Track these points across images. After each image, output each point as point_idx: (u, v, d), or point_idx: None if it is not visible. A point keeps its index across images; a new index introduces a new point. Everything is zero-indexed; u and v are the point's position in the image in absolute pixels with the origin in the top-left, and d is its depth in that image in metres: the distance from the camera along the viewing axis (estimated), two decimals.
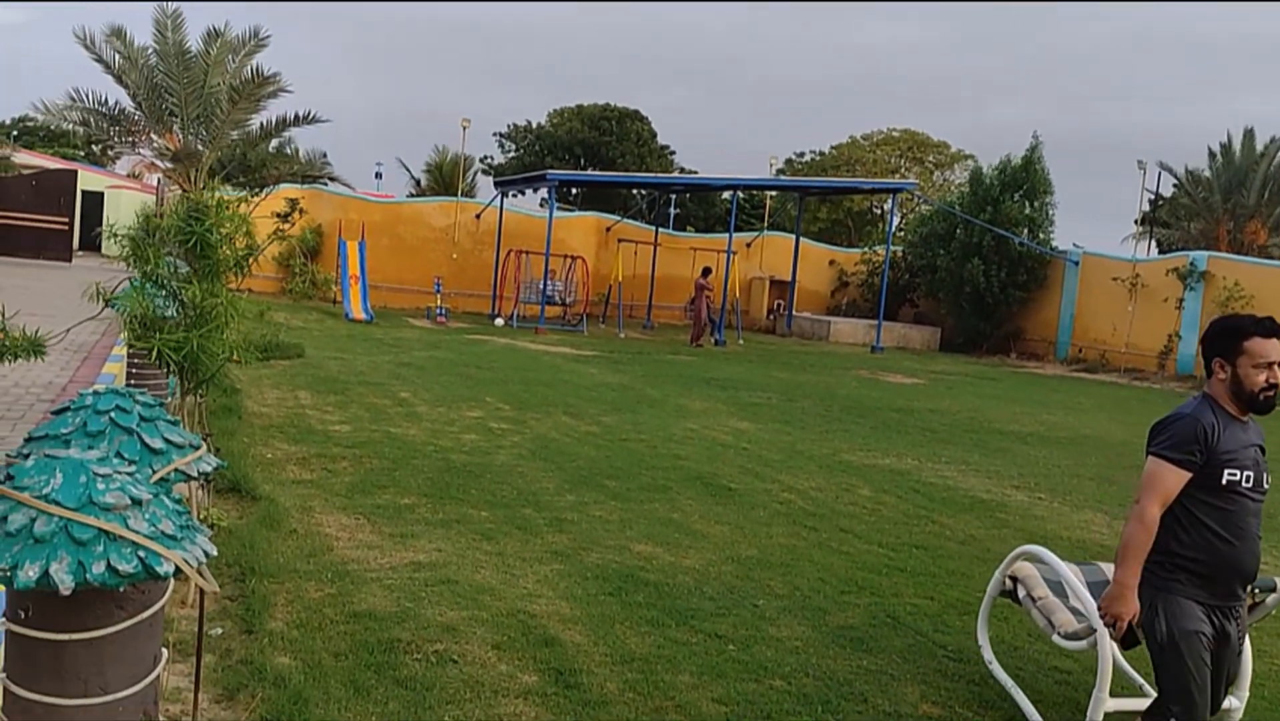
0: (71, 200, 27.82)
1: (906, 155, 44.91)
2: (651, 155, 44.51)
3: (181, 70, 16.13)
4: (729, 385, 14.75)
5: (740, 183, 27.17)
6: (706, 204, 43.01)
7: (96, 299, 4.85)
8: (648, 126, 45.31)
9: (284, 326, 16.04)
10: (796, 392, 14.50)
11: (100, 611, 1.65)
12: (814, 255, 30.93)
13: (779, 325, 28.57)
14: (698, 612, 4.98)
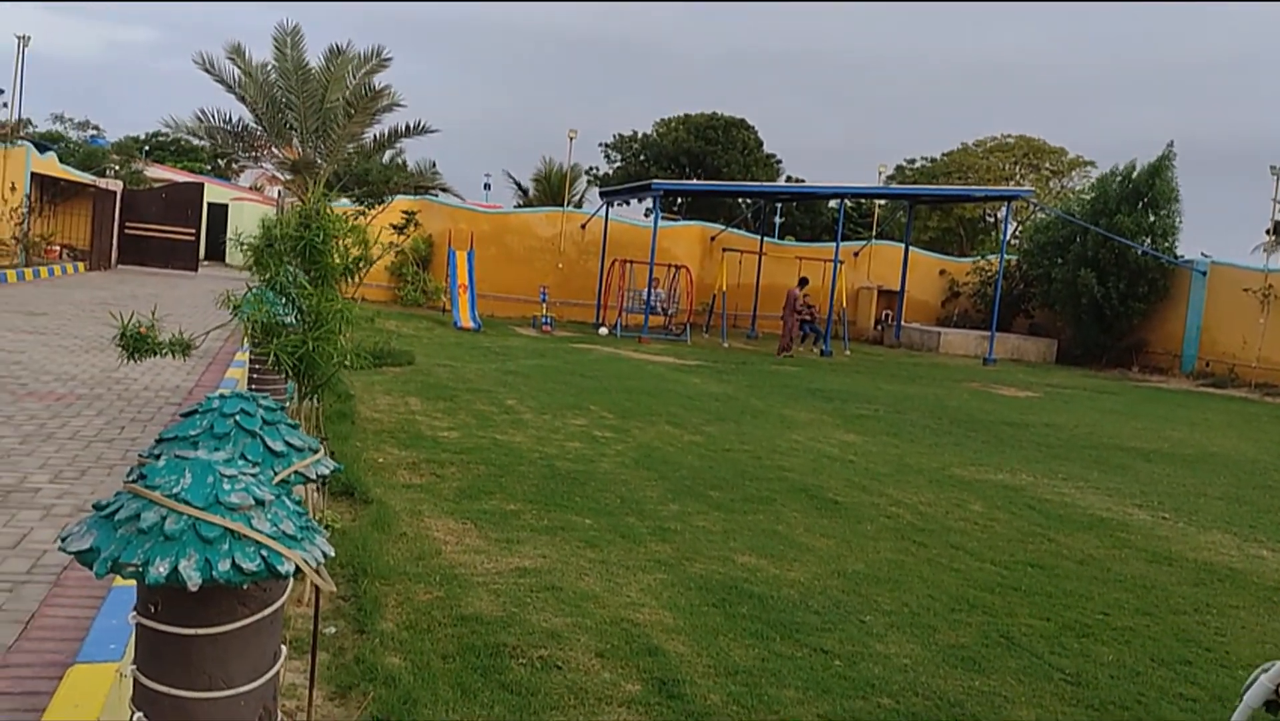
0: (198, 212, 29.03)
1: (1021, 162, 43.72)
2: (757, 164, 44.28)
3: (300, 85, 16.70)
4: (835, 396, 14.55)
5: (848, 191, 26.83)
6: (813, 213, 42.60)
7: (227, 306, 5.04)
8: (754, 135, 45.10)
9: (395, 334, 16.44)
10: (905, 405, 14.22)
11: (224, 607, 1.70)
12: (924, 264, 30.34)
13: (886, 336, 28.09)
14: (803, 626, 4.91)
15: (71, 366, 9.84)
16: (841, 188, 26.84)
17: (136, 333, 5.49)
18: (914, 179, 44.83)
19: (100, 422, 7.30)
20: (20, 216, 23.00)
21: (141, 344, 5.51)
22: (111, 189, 27.58)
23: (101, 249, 26.75)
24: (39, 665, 3.22)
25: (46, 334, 12.22)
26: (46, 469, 5.84)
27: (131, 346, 5.52)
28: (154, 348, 5.49)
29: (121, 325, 5.62)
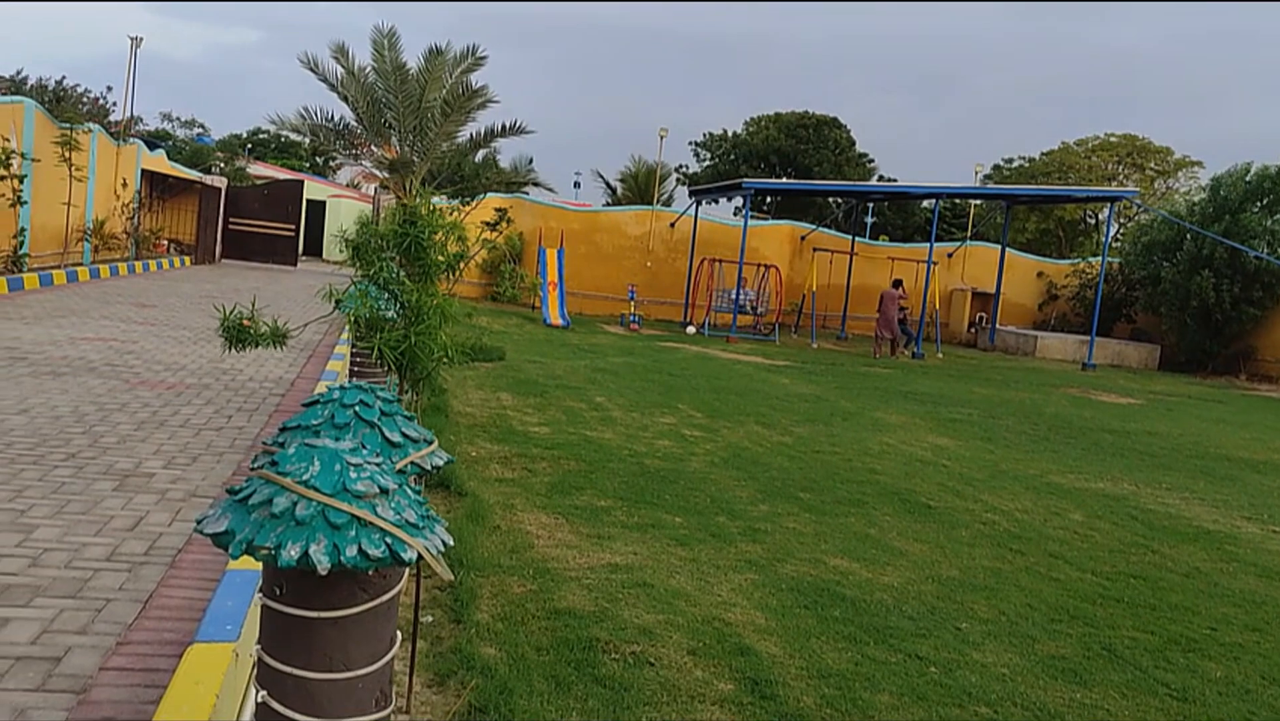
0: (298, 208, 29.80)
1: (1125, 161, 42.45)
2: (849, 163, 43.79)
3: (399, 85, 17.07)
4: (927, 399, 14.32)
5: (943, 190, 26.36)
6: (906, 213, 41.97)
7: (329, 300, 5.18)
8: (846, 134, 44.61)
9: (486, 330, 16.69)
10: (1000, 409, 13.92)
11: (345, 592, 1.75)
12: (1020, 266, 29.68)
13: (980, 339, 27.54)
14: (897, 631, 4.85)
15: (180, 356, 10.20)
16: (936, 187, 26.38)
17: (239, 324, 5.69)
18: (1011, 179, 43.86)
19: (209, 411, 7.56)
20: (131, 211, 23.91)
21: (243, 335, 5.71)
22: (216, 185, 28.51)
23: (206, 243, 27.67)
24: (157, 643, 3.35)
25: (156, 325, 12.70)
26: (160, 455, 6.07)
27: (234, 337, 5.72)
28: (255, 338, 5.68)
29: (224, 316, 5.83)
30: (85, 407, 7.20)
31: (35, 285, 16.13)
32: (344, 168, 47.80)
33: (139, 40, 26.37)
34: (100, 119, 24.92)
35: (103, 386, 8.12)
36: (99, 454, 5.93)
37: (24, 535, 4.34)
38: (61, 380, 8.21)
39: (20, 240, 16.77)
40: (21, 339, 10.25)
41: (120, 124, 25.66)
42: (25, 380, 8.04)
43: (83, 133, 19.82)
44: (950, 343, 26.97)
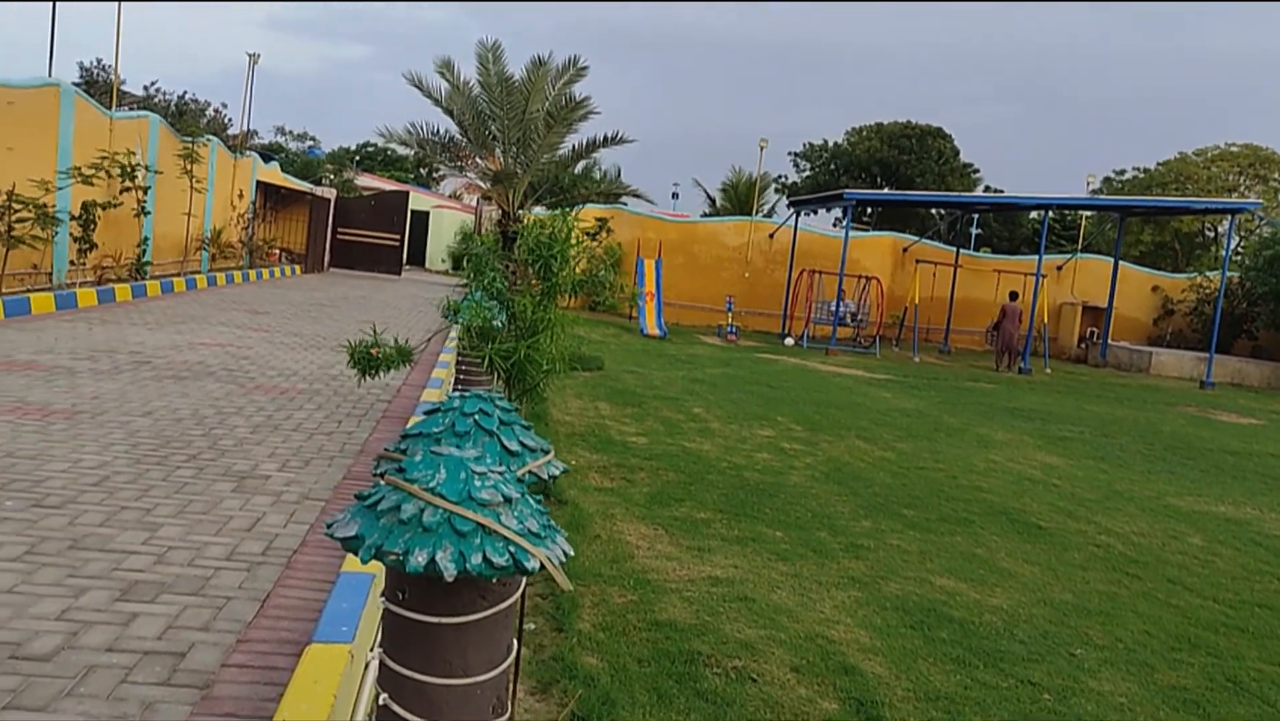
0: (403, 219, 30.50)
1: (1247, 173, 40.74)
2: (953, 174, 42.97)
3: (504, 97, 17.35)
4: (1035, 416, 13.93)
5: (1053, 201, 25.64)
6: (1012, 224, 41.00)
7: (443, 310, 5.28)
8: (950, 144, 43.81)
9: (584, 340, 16.83)
10: (1113, 428, 13.47)
11: (466, 599, 1.78)
12: (1134, 280, 28.69)
13: (1091, 354, 26.70)
14: (1007, 655, 4.72)
15: (292, 362, 10.52)
16: (1045, 198, 25.67)
17: (366, 352, 5.84)
18: (1124, 190, 42.47)
19: (320, 416, 7.77)
20: (246, 221, 24.79)
21: (371, 362, 5.87)
22: (326, 196, 29.36)
23: (316, 253, 28.52)
24: (275, 641, 3.45)
25: (269, 331, 13.12)
26: (275, 458, 6.26)
27: (363, 366, 5.88)
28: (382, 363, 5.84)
29: (350, 349, 6.01)
30: (204, 410, 7.48)
31: (157, 292, 16.83)
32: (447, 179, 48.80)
33: (256, 57, 27.35)
34: (219, 132, 25.92)
35: (220, 390, 8.42)
36: (218, 455, 6.15)
37: (150, 533, 4.51)
38: (182, 384, 8.53)
39: (143, 249, 17.52)
40: (145, 343, 10.70)
41: (237, 137, 26.64)
42: (149, 383, 8.38)
43: (202, 146, 20.64)
44: (1059, 358, 26.21)
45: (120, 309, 14.02)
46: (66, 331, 11.06)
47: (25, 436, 6.08)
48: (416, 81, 17.79)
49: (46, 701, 2.92)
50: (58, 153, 14.60)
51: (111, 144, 16.20)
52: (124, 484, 5.29)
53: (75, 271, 15.23)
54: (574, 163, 20.33)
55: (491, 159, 18.60)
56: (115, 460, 5.77)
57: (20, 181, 13.04)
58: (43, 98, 14.31)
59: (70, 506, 4.79)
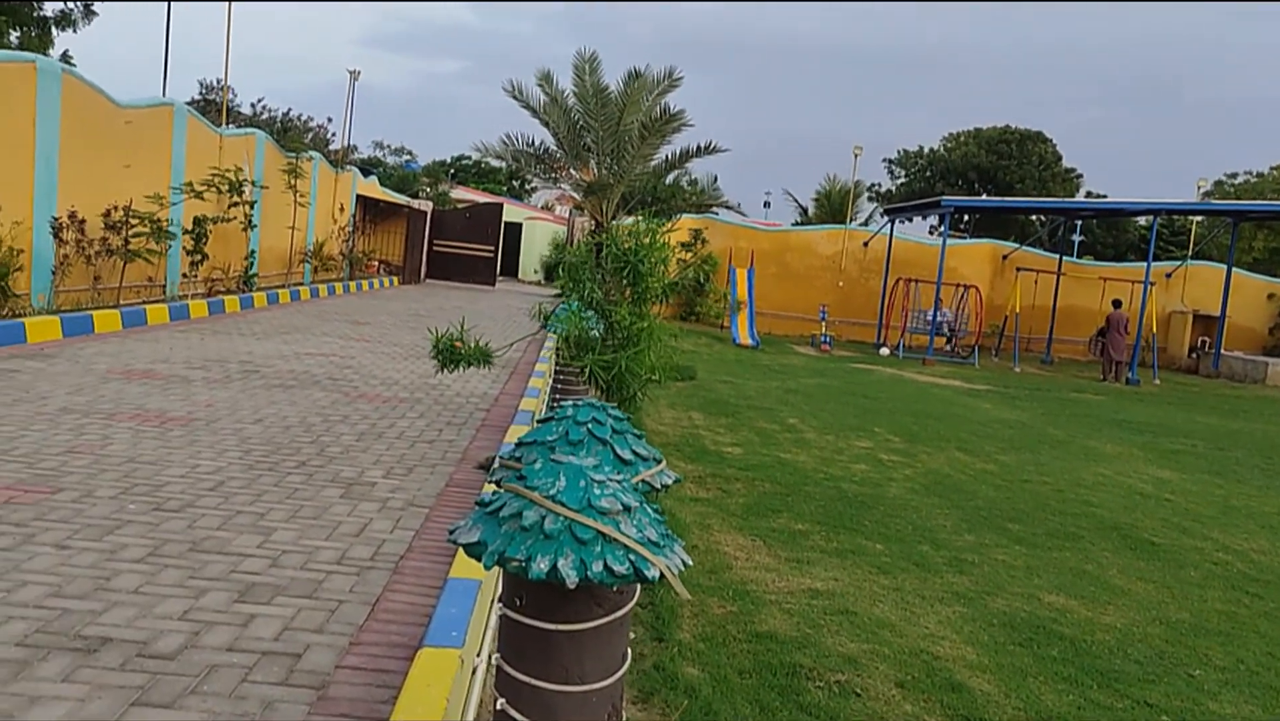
0: (497, 230, 30.96)
1: None
2: (1055, 179, 41.93)
3: (599, 109, 17.50)
4: (1145, 429, 13.48)
5: (1161, 206, 24.80)
6: (1117, 230, 39.81)
7: (538, 319, 5.34)
8: (1051, 148, 42.76)
9: (677, 350, 16.84)
10: (1228, 441, 12.95)
11: (583, 607, 1.79)
12: (1249, 287, 27.59)
13: (1203, 365, 25.74)
14: (1122, 675, 4.56)
15: (394, 371, 10.75)
16: (1153, 203, 24.86)
17: (450, 344, 5.94)
18: (1236, 195, 40.87)
19: (421, 424, 7.92)
20: (346, 234, 25.45)
21: (454, 355, 5.96)
22: (423, 209, 29.98)
23: (413, 264, 29.12)
24: (386, 645, 3.53)
25: (370, 341, 13.43)
26: (380, 465, 6.40)
27: (445, 357, 5.98)
28: (464, 358, 5.93)
29: (435, 338, 6.11)
30: (311, 418, 7.69)
31: (263, 303, 17.38)
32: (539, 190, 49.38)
33: (356, 74, 28.08)
34: (321, 148, 26.68)
35: (326, 399, 8.65)
36: (325, 462, 6.31)
37: (264, 537, 4.65)
38: (290, 392, 8.79)
39: (250, 261, 18.12)
40: (255, 353, 11.06)
41: (338, 152, 27.39)
42: (259, 392, 8.65)
43: (305, 161, 21.27)
44: (1168, 368, 25.34)
45: (229, 319, 14.52)
46: (180, 341, 11.49)
47: (146, 443, 6.33)
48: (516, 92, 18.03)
49: (172, 698, 3.03)
50: (171, 169, 15.21)
51: (221, 160, 16.81)
52: (238, 489, 5.46)
53: (187, 284, 15.83)
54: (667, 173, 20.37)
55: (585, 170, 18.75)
56: (230, 466, 5.96)
57: (136, 197, 13.62)
58: (158, 117, 14.92)
59: (189, 510, 4.97)
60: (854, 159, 28.47)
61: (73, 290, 12.58)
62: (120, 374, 8.85)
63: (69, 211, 12.19)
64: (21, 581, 3.83)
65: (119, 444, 6.22)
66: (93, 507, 4.84)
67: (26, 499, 4.89)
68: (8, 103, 11.16)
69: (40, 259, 11.83)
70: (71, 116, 12.36)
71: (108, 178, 13.33)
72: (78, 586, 3.83)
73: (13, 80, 11.33)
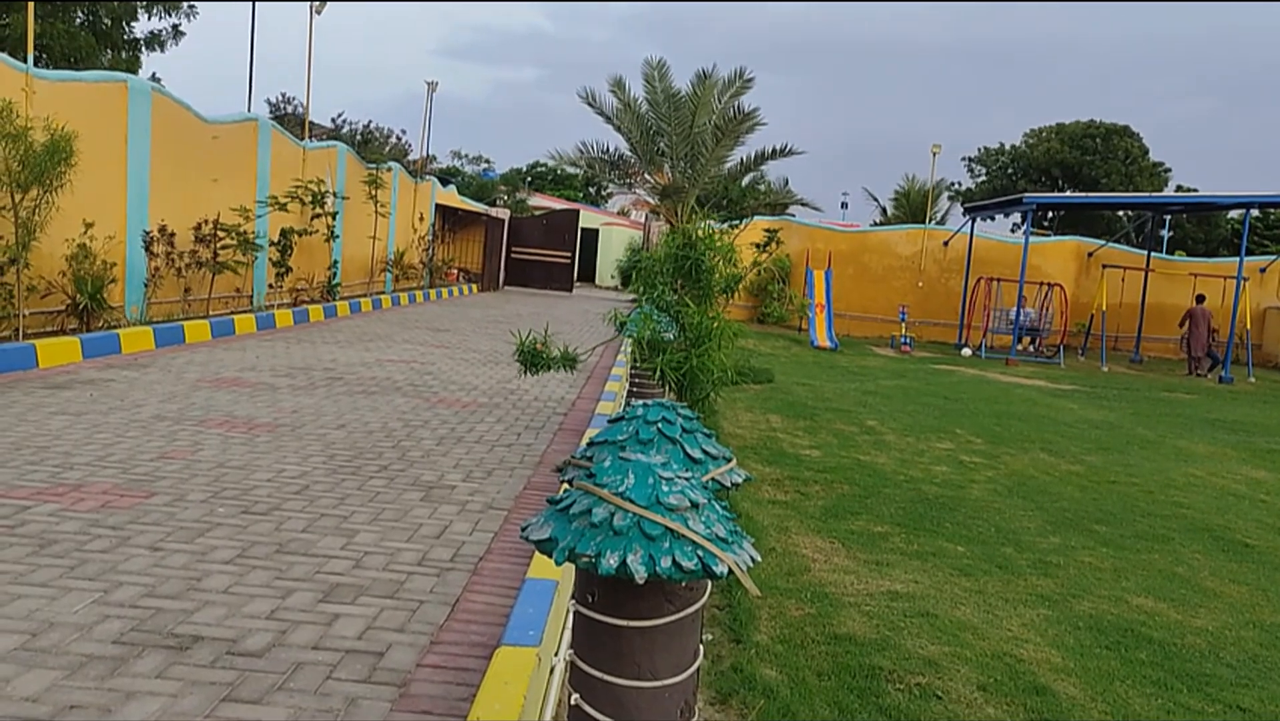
0: (574, 236, 31.21)
1: None
2: (1141, 174, 40.79)
3: (671, 112, 17.52)
4: (1239, 428, 13.03)
5: (1255, 199, 23.95)
6: (1208, 225, 38.59)
7: (613, 323, 5.38)
8: (1138, 143, 41.62)
9: (754, 352, 16.77)
10: None
11: (654, 603, 1.80)
12: None
13: None
14: (1214, 680, 4.42)
15: (472, 377, 10.92)
16: (1245, 196, 24.00)
17: (533, 349, 6.01)
18: None
19: (500, 429, 8.03)
20: (426, 243, 25.89)
21: (537, 359, 6.03)
22: (500, 217, 30.36)
23: (491, 271, 29.50)
24: (466, 644, 3.59)
25: (450, 348, 13.65)
26: (459, 468, 6.51)
27: (528, 361, 6.05)
28: (547, 362, 5.99)
29: (519, 342, 6.18)
30: (393, 424, 7.84)
31: (346, 312, 17.78)
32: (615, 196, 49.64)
33: (435, 84, 28.56)
34: (400, 158, 27.19)
35: (407, 404, 8.82)
36: (406, 466, 6.44)
37: (347, 539, 4.77)
38: (372, 398, 8.98)
39: (333, 271, 18.55)
40: (338, 360, 11.32)
41: (417, 162, 27.87)
42: (342, 398, 8.85)
43: (385, 172, 21.70)
44: (1264, 366, 24.45)
45: (313, 328, 14.88)
46: (266, 350, 11.82)
47: (234, 448, 6.53)
48: (590, 99, 18.17)
49: (260, 694, 3.13)
50: (256, 182, 15.66)
51: (304, 173, 17.25)
52: (322, 492, 5.61)
53: (273, 294, 16.27)
54: (741, 175, 20.32)
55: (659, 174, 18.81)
56: (314, 470, 6.12)
57: (224, 211, 14.05)
58: (243, 132, 15.37)
59: (276, 513, 5.11)
60: (932, 157, 28.06)
61: (164, 302, 13.03)
62: (210, 382, 9.14)
63: (159, 225, 12.64)
64: (118, 582, 3.98)
65: (209, 449, 6.42)
66: (184, 511, 5.02)
67: (122, 503, 5.08)
68: (101, 121, 11.62)
69: (133, 272, 12.28)
70: (161, 133, 12.81)
71: (196, 192, 13.78)
72: (170, 586, 3.97)
73: (105, 99, 11.79)
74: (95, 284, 10.92)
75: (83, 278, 10.83)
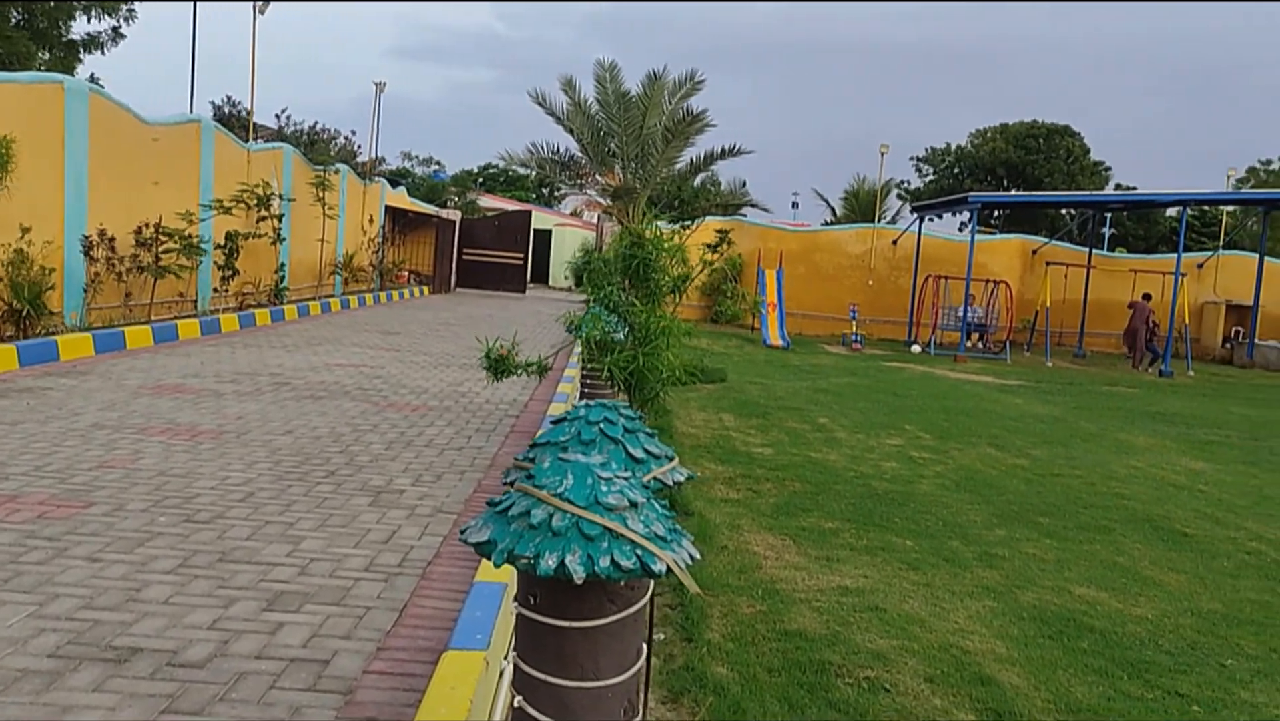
0: (526, 238, 31.09)
1: None
2: (1084, 172, 41.52)
3: (622, 113, 17.53)
4: (1178, 420, 13.32)
5: (1192, 197, 24.48)
6: (1148, 223, 39.38)
7: (565, 324, 5.37)
8: (1079, 142, 42.36)
9: (707, 352, 16.82)
10: (1263, 431, 12.77)
11: (595, 603, 1.80)
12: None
13: (1237, 355, 25.41)
14: (1153, 666, 4.52)
15: (423, 380, 10.83)
16: (1183, 194, 24.55)
17: (498, 355, 5.98)
18: (1270, 182, 40.33)
19: (450, 432, 7.98)
20: (376, 245, 25.65)
21: (503, 365, 6.00)
22: (451, 218, 30.16)
23: (442, 273, 29.30)
24: (414, 650, 3.56)
25: (400, 351, 13.54)
26: (408, 473, 6.46)
27: (495, 368, 6.02)
28: (513, 368, 5.97)
29: (485, 348, 6.15)
30: (341, 428, 7.76)
31: (294, 316, 17.56)
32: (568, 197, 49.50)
33: (382, 85, 28.31)
34: (348, 160, 26.91)
35: (355, 409, 8.73)
36: (355, 471, 6.37)
37: (293, 546, 4.71)
38: (320, 403, 8.88)
39: (281, 275, 18.31)
40: (285, 365, 11.18)
41: (366, 164, 27.61)
42: (289, 404, 8.74)
43: (333, 174, 21.47)
44: (1201, 359, 25.01)
45: (260, 333, 14.68)
46: (211, 355, 11.64)
47: (176, 456, 6.42)
48: (539, 100, 18.12)
49: (201, 706, 3.08)
50: (200, 185, 15.41)
51: (249, 175, 17.01)
52: (267, 499, 5.53)
53: (218, 298, 16.02)
54: (692, 175, 20.38)
55: (610, 175, 18.80)
56: (259, 477, 6.04)
57: (166, 214, 13.81)
58: (185, 134, 15.13)
59: (218, 521, 5.04)
60: (880, 157, 28.36)
61: (105, 307, 12.77)
62: (152, 389, 8.98)
63: (99, 229, 12.38)
64: (54, 594, 3.90)
65: (150, 458, 6.31)
66: (124, 521, 4.92)
67: (59, 514, 4.97)
68: (36, 124, 11.36)
69: (72, 277, 12.03)
70: (99, 135, 12.56)
71: (137, 195, 13.53)
72: (109, 598, 3.89)
73: (40, 101, 11.54)
74: (33, 290, 10.68)
75: (20, 284, 10.59)
